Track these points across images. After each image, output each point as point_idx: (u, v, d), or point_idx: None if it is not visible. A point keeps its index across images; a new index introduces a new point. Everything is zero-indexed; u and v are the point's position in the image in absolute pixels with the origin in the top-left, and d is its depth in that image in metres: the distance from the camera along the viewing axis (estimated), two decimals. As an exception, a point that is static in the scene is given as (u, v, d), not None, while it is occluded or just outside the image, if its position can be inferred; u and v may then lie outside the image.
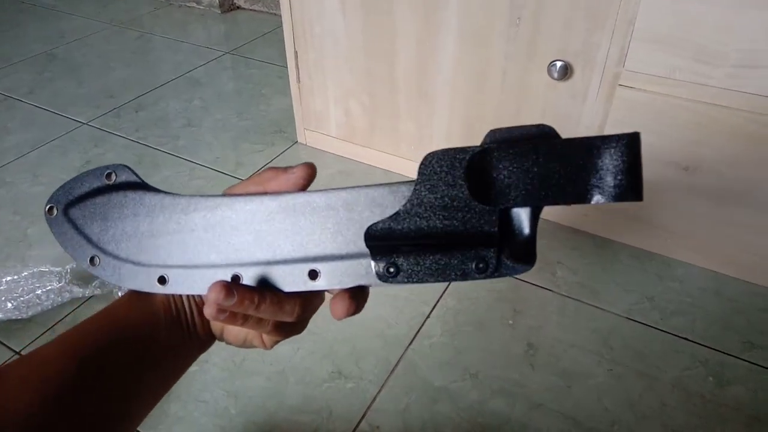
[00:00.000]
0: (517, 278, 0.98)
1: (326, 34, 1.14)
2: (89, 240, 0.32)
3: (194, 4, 2.16)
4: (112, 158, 1.32)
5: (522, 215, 0.26)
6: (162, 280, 0.32)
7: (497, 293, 0.96)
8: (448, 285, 0.97)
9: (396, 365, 0.85)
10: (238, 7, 2.16)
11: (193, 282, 0.31)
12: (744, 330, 0.89)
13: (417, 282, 0.27)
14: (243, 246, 0.30)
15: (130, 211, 0.32)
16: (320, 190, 0.29)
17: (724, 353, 0.85)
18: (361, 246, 0.28)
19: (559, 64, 0.92)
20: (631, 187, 0.23)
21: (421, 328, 0.90)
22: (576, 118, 0.96)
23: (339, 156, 1.29)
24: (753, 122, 0.82)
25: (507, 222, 0.26)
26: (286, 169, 0.30)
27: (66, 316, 0.93)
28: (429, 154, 0.26)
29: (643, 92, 0.88)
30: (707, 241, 0.97)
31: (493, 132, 0.26)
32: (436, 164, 0.26)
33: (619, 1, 0.83)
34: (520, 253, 0.26)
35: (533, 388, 0.81)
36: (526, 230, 0.26)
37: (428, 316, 0.92)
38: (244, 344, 0.36)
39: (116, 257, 0.32)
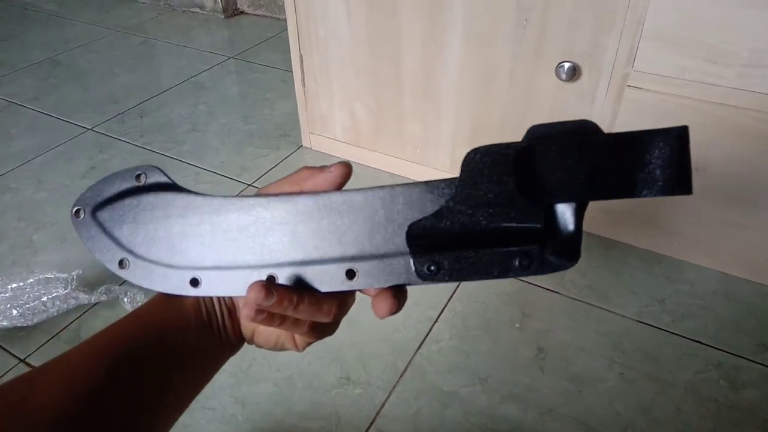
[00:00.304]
0: (524, 281, 0.98)
1: (331, 36, 1.13)
2: (118, 243, 0.32)
3: (198, 10, 2.16)
4: (118, 164, 1.31)
5: (567, 211, 0.26)
6: (194, 282, 0.31)
7: (505, 296, 0.95)
8: (456, 289, 0.96)
9: (404, 370, 0.84)
10: (241, 12, 2.16)
11: (227, 283, 0.31)
12: (756, 332, 0.88)
13: (459, 280, 0.27)
14: (278, 246, 0.30)
15: (161, 212, 0.31)
16: (357, 189, 0.29)
17: (737, 356, 0.84)
18: (400, 244, 0.28)
19: (567, 65, 0.91)
20: (680, 180, 0.23)
21: (429, 332, 0.90)
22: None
23: (345, 160, 1.29)
24: (763, 122, 0.81)
25: (551, 217, 0.26)
26: (322, 168, 0.30)
27: (71, 323, 0.92)
28: (471, 150, 0.26)
29: (652, 93, 0.87)
30: (716, 243, 0.96)
31: (534, 128, 0.25)
32: (480, 161, 0.26)
33: (627, 2, 0.82)
34: (564, 248, 0.26)
35: (544, 392, 0.80)
36: (571, 226, 0.26)
37: (436, 321, 0.91)
38: (276, 346, 0.36)
39: (147, 260, 0.32)
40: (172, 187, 0.32)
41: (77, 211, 0.32)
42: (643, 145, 0.23)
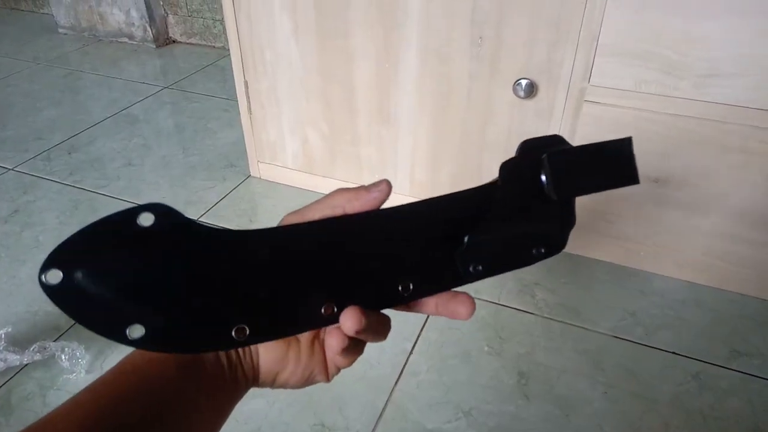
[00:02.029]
0: (497, 303, 0.94)
1: (279, 61, 1.08)
2: (122, 306, 0.25)
3: (126, 39, 2.05)
4: (45, 205, 1.20)
5: (564, 204, 0.30)
6: (240, 332, 0.27)
7: (479, 321, 0.92)
8: (428, 318, 0.92)
9: (383, 410, 0.78)
10: (174, 41, 2.07)
11: (280, 324, 0.28)
12: (727, 339, 0.88)
13: (494, 274, 0.31)
14: (329, 272, 0.28)
15: (177, 258, 0.25)
16: (398, 206, 0.29)
17: (714, 365, 0.84)
18: (445, 250, 0.29)
19: (524, 82, 0.90)
20: (631, 174, 0.30)
21: (405, 365, 0.84)
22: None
23: (297, 188, 1.23)
24: (719, 131, 0.83)
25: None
26: (367, 188, 0.29)
27: (-1, 389, 0.81)
28: (506, 161, 0.30)
29: (610, 107, 0.87)
30: (680, 252, 0.97)
31: (525, 142, 0.30)
32: (518, 166, 0.29)
33: (581, 17, 0.82)
34: (561, 238, 0.31)
35: (531, 421, 0.77)
36: (569, 216, 0.31)
37: (411, 352, 0.86)
38: (307, 381, 0.33)
39: (167, 319, 0.26)
40: (184, 226, 0.26)
41: (49, 274, 0.24)
42: (610, 151, 0.30)
